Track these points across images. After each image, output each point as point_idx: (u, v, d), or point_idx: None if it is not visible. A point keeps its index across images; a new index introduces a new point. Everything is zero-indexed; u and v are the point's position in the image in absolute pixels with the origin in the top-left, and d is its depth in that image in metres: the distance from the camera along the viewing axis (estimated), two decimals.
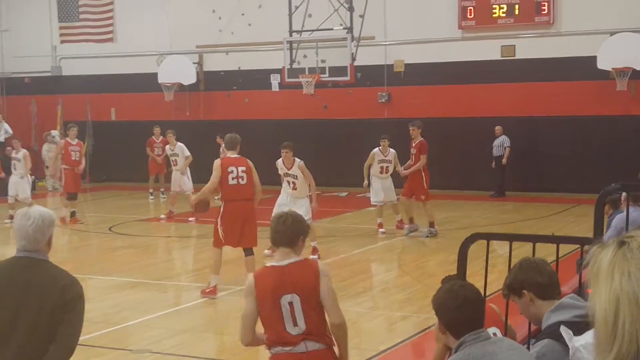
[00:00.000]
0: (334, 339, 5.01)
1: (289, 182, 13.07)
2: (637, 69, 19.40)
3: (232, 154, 11.10)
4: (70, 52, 26.52)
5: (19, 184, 17.77)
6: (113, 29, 26.03)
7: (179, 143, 19.05)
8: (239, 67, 24.38)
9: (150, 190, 21.55)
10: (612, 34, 19.94)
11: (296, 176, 12.91)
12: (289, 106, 23.29)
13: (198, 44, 24.67)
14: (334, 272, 12.37)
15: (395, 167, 15.95)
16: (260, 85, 23.89)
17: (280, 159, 13.19)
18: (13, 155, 18.12)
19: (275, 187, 22.65)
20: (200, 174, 22.99)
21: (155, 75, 24.13)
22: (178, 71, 24.04)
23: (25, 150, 18.27)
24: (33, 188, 24.41)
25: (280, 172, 13.15)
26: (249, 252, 11.07)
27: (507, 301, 5.18)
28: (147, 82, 24.53)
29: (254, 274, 5.27)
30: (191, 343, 8.95)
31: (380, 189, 15.69)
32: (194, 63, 24.58)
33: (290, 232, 5.06)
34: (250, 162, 11.10)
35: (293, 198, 12.99)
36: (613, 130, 20.34)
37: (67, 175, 17.76)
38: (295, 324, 4.88)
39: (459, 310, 3.72)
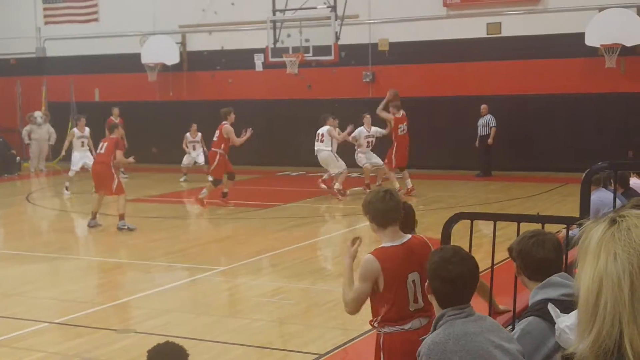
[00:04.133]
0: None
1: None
2: (627, 45, 19.30)
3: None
4: (55, 33, 26.37)
5: (89, 158, 19.20)
6: (97, 9, 25.83)
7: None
8: (223, 47, 24.22)
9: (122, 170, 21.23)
10: (600, 9, 19.85)
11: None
12: (273, 86, 23.17)
13: (181, 24, 24.50)
14: (320, 253, 12.34)
15: None
16: (243, 65, 23.75)
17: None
18: (80, 134, 19.80)
19: (262, 167, 22.61)
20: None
21: (138, 55, 23.98)
22: (161, 51, 23.90)
23: (88, 129, 19.97)
24: (19, 169, 24.47)
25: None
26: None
27: (492, 278, 5.15)
28: (130, 63, 24.39)
29: (375, 256, 4.93)
30: (175, 323, 8.90)
31: None
32: (177, 43, 24.42)
33: (399, 207, 4.98)
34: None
35: None
36: (602, 108, 20.29)
37: (221, 159, 16.61)
38: (415, 300, 4.96)
39: (451, 284, 3.66)
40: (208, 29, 24.23)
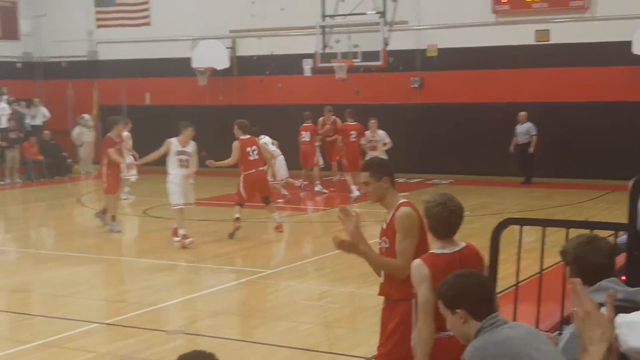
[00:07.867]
0: None
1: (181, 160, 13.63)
2: None
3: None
4: (106, 36, 26.79)
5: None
6: (149, 13, 26.20)
7: (379, 130, 19.20)
8: (272, 52, 24.40)
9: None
10: None
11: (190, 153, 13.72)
12: (321, 91, 23.27)
13: (231, 29, 24.74)
14: None
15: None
16: (292, 70, 23.89)
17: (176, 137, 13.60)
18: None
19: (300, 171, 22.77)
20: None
21: (189, 60, 24.26)
22: (211, 56, 24.13)
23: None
24: (70, 171, 24.83)
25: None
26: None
27: (541, 284, 5.16)
28: (181, 67, 24.68)
29: (424, 262, 4.82)
30: (223, 325, 9.03)
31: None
32: (227, 48, 24.65)
33: (461, 220, 4.86)
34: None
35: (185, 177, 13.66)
36: None
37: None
38: None
39: (481, 290, 3.74)
40: (258, 34, 24.42)
